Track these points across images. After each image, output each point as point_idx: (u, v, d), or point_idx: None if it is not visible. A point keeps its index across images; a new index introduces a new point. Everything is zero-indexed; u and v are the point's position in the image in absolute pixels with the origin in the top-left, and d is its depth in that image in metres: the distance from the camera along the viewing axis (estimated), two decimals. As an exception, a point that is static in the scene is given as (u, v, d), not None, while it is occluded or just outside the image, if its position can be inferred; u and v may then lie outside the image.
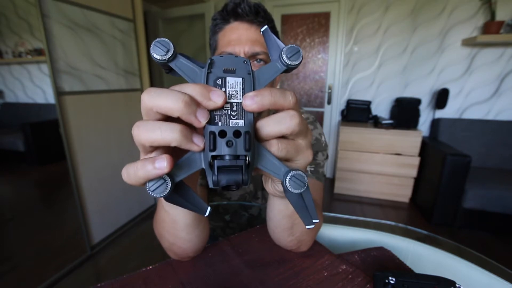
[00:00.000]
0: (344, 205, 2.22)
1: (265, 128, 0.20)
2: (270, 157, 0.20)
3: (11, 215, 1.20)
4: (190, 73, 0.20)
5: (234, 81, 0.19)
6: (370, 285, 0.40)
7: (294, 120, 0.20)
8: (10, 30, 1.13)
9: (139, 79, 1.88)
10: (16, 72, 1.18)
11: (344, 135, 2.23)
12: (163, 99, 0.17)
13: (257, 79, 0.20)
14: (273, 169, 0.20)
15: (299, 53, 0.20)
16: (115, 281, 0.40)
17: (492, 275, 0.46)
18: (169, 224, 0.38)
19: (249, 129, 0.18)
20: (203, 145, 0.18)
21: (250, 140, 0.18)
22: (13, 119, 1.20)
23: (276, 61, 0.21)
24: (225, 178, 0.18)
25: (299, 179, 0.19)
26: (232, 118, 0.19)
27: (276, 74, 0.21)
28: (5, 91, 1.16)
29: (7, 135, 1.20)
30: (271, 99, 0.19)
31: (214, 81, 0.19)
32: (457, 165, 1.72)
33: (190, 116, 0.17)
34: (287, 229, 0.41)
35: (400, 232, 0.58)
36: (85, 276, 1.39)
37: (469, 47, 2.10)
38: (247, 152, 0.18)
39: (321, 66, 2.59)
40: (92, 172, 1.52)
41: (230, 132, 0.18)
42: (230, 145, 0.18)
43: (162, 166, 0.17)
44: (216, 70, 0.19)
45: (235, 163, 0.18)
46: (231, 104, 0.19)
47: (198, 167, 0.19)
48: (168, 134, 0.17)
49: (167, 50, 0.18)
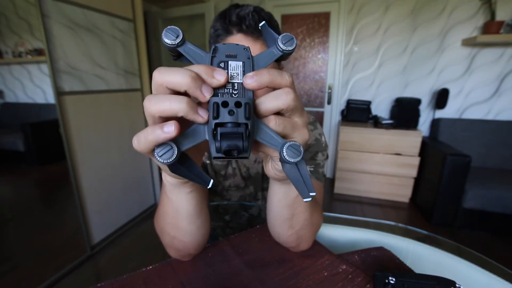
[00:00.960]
0: (344, 205, 2.22)
1: (263, 104, 0.22)
2: (268, 130, 0.22)
3: (11, 215, 1.20)
4: (197, 57, 0.22)
5: (236, 64, 0.21)
6: (370, 285, 0.40)
7: (289, 95, 0.22)
8: (10, 30, 1.13)
9: (139, 79, 1.88)
10: (16, 72, 1.18)
11: (344, 135, 2.23)
12: (172, 75, 0.19)
13: (256, 63, 0.22)
14: (271, 141, 0.22)
15: (292, 40, 0.22)
16: (115, 281, 0.40)
17: (492, 275, 0.46)
18: (171, 215, 0.38)
19: (249, 101, 0.20)
20: (207, 117, 0.20)
21: (250, 110, 0.20)
22: (13, 119, 1.20)
23: (273, 47, 0.23)
24: (226, 143, 0.19)
25: (295, 148, 0.21)
26: (233, 96, 0.21)
27: (273, 58, 0.23)
28: (5, 91, 1.16)
29: (7, 135, 1.20)
30: (269, 77, 0.21)
31: (217, 64, 0.21)
32: (457, 165, 1.72)
33: (196, 90, 0.19)
34: (287, 220, 0.41)
35: (400, 232, 0.58)
36: (85, 276, 1.39)
37: (469, 47, 2.10)
38: (247, 121, 0.19)
39: (321, 66, 2.59)
40: (92, 172, 1.52)
41: (232, 103, 0.20)
42: (232, 114, 0.19)
43: (170, 130, 0.19)
44: (219, 55, 0.22)
45: (236, 130, 0.19)
46: (232, 84, 0.21)
47: (202, 138, 0.21)
48: (176, 104, 0.19)
49: (176, 36, 0.21)
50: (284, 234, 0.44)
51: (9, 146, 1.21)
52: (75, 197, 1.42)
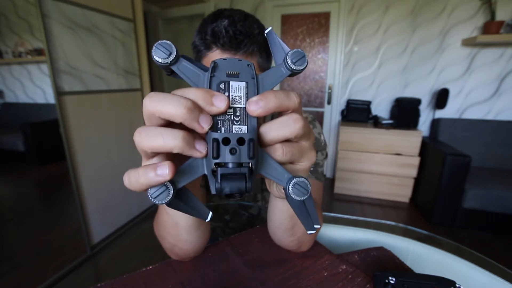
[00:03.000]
0: (344, 205, 2.22)
1: (269, 134, 0.19)
2: (273, 163, 0.20)
3: (11, 215, 1.20)
4: (193, 76, 0.19)
5: (238, 86, 0.19)
6: (370, 285, 0.40)
7: (298, 123, 0.20)
8: (10, 30, 1.13)
9: (139, 79, 1.88)
10: (16, 72, 1.18)
11: (344, 135, 2.23)
12: (165, 104, 0.17)
13: (261, 84, 0.20)
14: (276, 175, 0.20)
15: (304, 58, 0.19)
16: (115, 281, 0.40)
17: (492, 275, 0.46)
18: (170, 226, 0.38)
19: (253, 136, 0.18)
20: (205, 151, 0.18)
21: (254, 148, 0.18)
22: (13, 119, 1.20)
23: (280, 66, 0.20)
24: (228, 186, 0.18)
25: (302, 187, 0.19)
26: (235, 123, 0.19)
27: (281, 79, 0.20)
28: (5, 91, 1.16)
29: (7, 135, 1.20)
30: (276, 102, 0.19)
31: (217, 85, 0.19)
32: (457, 165, 1.72)
33: (193, 122, 0.17)
34: (288, 229, 0.41)
35: (400, 232, 0.58)
36: (85, 276, 1.39)
37: (469, 47, 2.10)
38: (251, 160, 0.18)
39: (321, 66, 2.59)
40: (92, 172, 1.52)
41: (233, 140, 0.18)
42: (233, 152, 0.17)
43: (164, 173, 0.17)
44: (219, 73, 0.19)
45: (238, 171, 0.18)
46: (234, 109, 0.19)
47: (200, 173, 0.19)
48: (171, 141, 0.17)
49: (169, 53, 0.18)
50: (285, 240, 0.45)
51: (9, 146, 1.21)
52: (75, 197, 1.42)
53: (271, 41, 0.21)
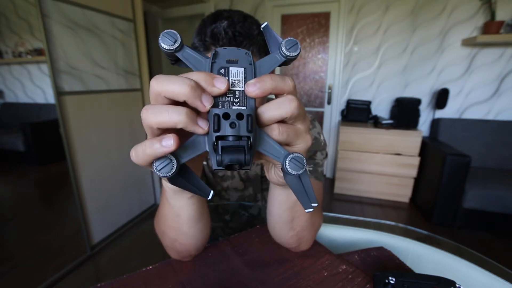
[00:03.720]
0: (344, 205, 2.22)
1: (266, 113, 0.21)
2: (270, 141, 0.21)
3: (11, 215, 1.20)
4: (196, 62, 0.21)
5: (237, 71, 0.20)
6: (370, 285, 0.40)
7: (293, 103, 0.21)
8: (10, 30, 1.13)
9: (139, 79, 1.88)
10: (16, 72, 1.18)
11: (344, 135, 2.23)
12: (170, 84, 0.18)
13: (258, 69, 0.21)
14: (273, 152, 0.21)
15: (297, 45, 0.21)
16: (115, 281, 0.40)
17: (492, 275, 0.46)
18: (172, 219, 0.38)
19: (251, 112, 0.19)
20: (207, 128, 0.19)
21: (252, 122, 0.19)
22: (13, 119, 1.20)
23: (275, 53, 0.22)
24: (228, 157, 0.19)
25: (298, 161, 0.20)
26: (234, 104, 0.20)
27: (276, 64, 0.22)
28: (5, 91, 1.16)
29: (7, 135, 1.20)
30: (272, 83, 0.20)
31: (218, 70, 0.20)
32: (457, 165, 1.72)
33: (196, 100, 0.18)
34: (287, 222, 0.41)
35: (400, 232, 0.58)
36: (85, 276, 1.39)
37: (469, 47, 2.10)
38: (249, 133, 0.19)
39: (321, 66, 2.59)
40: (92, 172, 1.52)
41: (233, 115, 0.19)
42: (233, 126, 0.19)
43: (169, 144, 0.18)
44: (219, 60, 0.20)
45: (238, 144, 0.19)
46: (233, 91, 0.20)
47: (202, 149, 0.20)
48: (175, 116, 0.18)
49: (174, 41, 0.19)
50: (284, 235, 0.44)
51: (9, 146, 1.21)
52: (75, 197, 1.42)
53: (268, 35, 0.23)
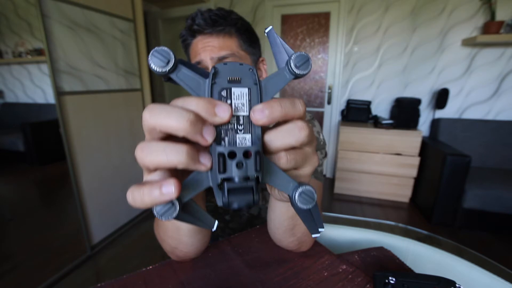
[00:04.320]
0: (344, 205, 2.22)
1: (274, 143, 0.19)
2: (278, 171, 0.19)
3: (11, 215, 1.20)
4: (193, 84, 0.18)
5: (240, 92, 0.18)
6: (370, 285, 0.40)
7: (304, 131, 0.19)
8: (10, 30, 1.13)
9: (139, 79, 1.88)
10: (16, 72, 1.18)
11: (344, 135, 2.23)
12: (166, 118, 0.16)
13: (264, 89, 0.19)
14: (281, 183, 0.19)
15: (308, 62, 0.19)
16: (115, 281, 0.40)
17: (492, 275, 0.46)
18: (172, 230, 0.39)
19: (259, 148, 0.18)
20: (210, 164, 0.18)
21: (261, 160, 0.17)
22: (13, 119, 1.20)
23: (283, 70, 0.19)
24: (236, 201, 0.17)
25: (308, 195, 0.19)
26: (239, 132, 0.18)
27: (284, 83, 0.19)
28: (5, 91, 1.16)
29: (7, 135, 1.20)
30: (281, 111, 0.18)
31: (218, 93, 0.18)
32: (457, 165, 1.72)
33: (196, 135, 0.17)
34: (288, 230, 0.41)
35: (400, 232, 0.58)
36: (85, 276, 1.39)
37: (469, 47, 2.10)
38: (258, 173, 0.17)
39: (321, 66, 2.59)
40: (92, 172, 1.52)
41: (240, 153, 0.17)
42: (240, 166, 0.17)
43: (170, 191, 0.16)
44: (220, 80, 0.18)
45: (245, 185, 0.17)
46: (237, 117, 0.18)
47: (205, 185, 0.19)
48: (174, 157, 0.16)
49: (167, 61, 0.17)
50: (285, 240, 0.45)
51: (9, 146, 1.21)
52: (75, 197, 1.42)
53: (272, 41, 0.20)
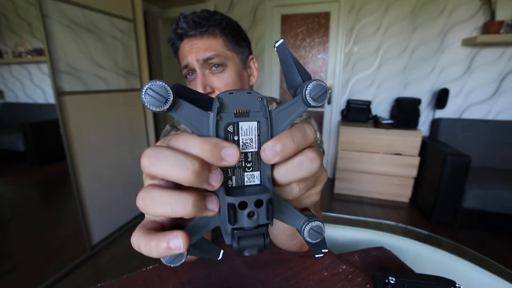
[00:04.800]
0: (344, 205, 2.22)
1: (285, 178, 0.18)
2: (287, 207, 0.18)
3: (11, 215, 1.20)
4: (195, 121, 0.16)
5: (248, 127, 0.17)
6: (370, 285, 0.40)
7: (316, 163, 0.18)
8: (10, 30, 1.13)
9: (139, 79, 1.88)
10: (16, 72, 1.18)
11: (344, 135, 2.23)
12: (167, 168, 0.15)
13: (274, 122, 0.17)
14: (290, 219, 0.19)
15: (326, 94, 0.17)
16: (115, 281, 0.40)
17: (492, 275, 0.46)
18: None
19: (271, 195, 0.16)
20: (218, 208, 0.16)
21: (273, 207, 0.17)
22: (13, 119, 1.20)
23: (297, 100, 0.17)
24: (247, 247, 0.17)
25: (318, 231, 0.18)
26: (247, 170, 0.17)
27: (297, 114, 0.18)
28: (5, 91, 1.16)
29: (7, 135, 1.20)
30: (294, 147, 0.17)
31: (224, 129, 0.16)
32: (457, 165, 1.72)
33: (202, 183, 0.15)
34: (291, 234, 0.40)
35: (400, 232, 0.58)
36: (85, 276, 1.39)
37: (469, 47, 2.10)
38: (270, 221, 0.16)
39: (321, 66, 2.59)
40: (92, 172, 1.52)
41: (251, 203, 0.16)
42: (251, 215, 0.16)
43: (178, 245, 0.15)
44: (226, 114, 0.16)
45: (256, 232, 0.17)
46: (245, 154, 0.17)
47: (212, 226, 0.18)
48: (180, 210, 0.15)
49: (165, 100, 0.15)
50: (288, 244, 0.44)
51: (9, 146, 1.21)
52: (75, 197, 1.42)
53: (282, 58, 0.18)
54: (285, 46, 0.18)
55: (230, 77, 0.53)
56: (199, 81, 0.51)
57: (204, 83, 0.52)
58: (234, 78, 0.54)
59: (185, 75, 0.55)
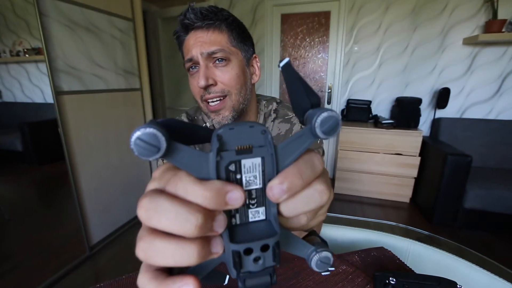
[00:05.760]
0: (344, 205, 2.21)
1: (292, 212, 0.17)
2: (293, 238, 0.18)
3: (11, 215, 1.20)
4: (193, 164, 0.15)
5: (252, 164, 0.15)
6: (370, 285, 0.39)
7: (325, 196, 0.17)
8: (8, 29, 1.13)
9: (138, 79, 1.87)
10: (14, 71, 1.18)
11: (344, 135, 2.22)
12: (168, 223, 0.14)
13: (280, 157, 0.16)
14: (296, 249, 0.18)
15: (338, 127, 0.15)
16: (114, 281, 0.40)
17: (493, 276, 0.45)
18: None
19: (278, 238, 0.15)
20: (222, 249, 0.16)
21: (279, 250, 0.16)
22: (11, 118, 1.20)
23: (305, 132, 0.16)
24: (253, 287, 0.16)
25: (326, 262, 0.18)
26: (251, 207, 0.16)
27: (305, 147, 0.16)
28: (3, 90, 1.15)
29: (5, 135, 1.20)
30: (302, 182, 0.15)
31: (226, 168, 0.15)
32: (457, 165, 1.71)
33: (206, 233, 0.15)
34: None
35: (401, 232, 0.57)
36: (84, 277, 1.39)
37: (470, 46, 2.09)
38: (277, 262, 0.16)
39: (321, 66, 2.59)
40: (91, 172, 1.52)
41: (257, 248, 0.15)
42: (257, 260, 0.15)
43: None
44: (227, 153, 0.15)
45: (263, 274, 0.16)
46: (249, 191, 0.16)
47: (217, 262, 0.17)
48: (185, 261, 0.15)
49: (157, 150, 0.13)
50: None
51: (7, 146, 1.20)
52: (74, 197, 1.41)
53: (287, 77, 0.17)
54: (290, 65, 0.16)
55: (233, 71, 0.54)
56: (202, 72, 0.51)
57: (207, 75, 0.52)
58: (238, 72, 0.54)
59: (188, 68, 0.56)
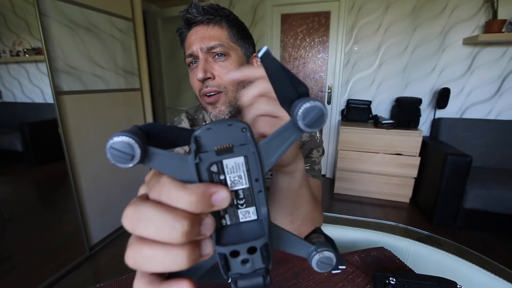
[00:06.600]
0: (344, 205, 2.21)
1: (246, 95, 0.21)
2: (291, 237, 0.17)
3: (10, 215, 1.20)
4: (173, 169, 0.14)
5: (234, 163, 0.15)
6: (370, 285, 0.39)
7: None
8: (8, 29, 1.13)
9: (138, 79, 1.87)
10: (14, 71, 1.18)
11: (344, 135, 2.22)
12: (153, 231, 0.13)
13: (264, 154, 0.15)
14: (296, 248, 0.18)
15: (322, 118, 0.14)
16: (114, 281, 0.40)
17: (494, 276, 0.45)
18: None
19: (267, 240, 0.15)
20: (213, 248, 0.15)
21: (268, 251, 0.15)
22: (11, 118, 1.20)
23: (288, 127, 0.15)
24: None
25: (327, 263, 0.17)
26: (240, 207, 0.16)
27: (290, 144, 0.15)
28: (3, 90, 1.15)
29: (5, 135, 1.20)
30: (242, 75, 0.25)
31: (207, 169, 0.14)
32: (458, 165, 1.71)
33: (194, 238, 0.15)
34: (288, 214, 0.40)
35: (401, 232, 0.57)
36: (84, 277, 1.39)
37: (471, 46, 2.09)
38: (267, 264, 0.15)
39: (321, 66, 2.59)
40: (91, 172, 1.52)
41: (243, 250, 0.15)
42: (245, 262, 0.15)
43: None
44: (206, 154, 0.14)
45: (254, 275, 0.16)
46: (236, 192, 0.15)
47: (210, 264, 0.17)
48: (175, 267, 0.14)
49: (131, 157, 0.13)
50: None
51: (7, 146, 1.20)
52: (74, 197, 1.41)
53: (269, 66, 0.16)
54: (270, 54, 0.15)
55: (232, 66, 0.54)
56: (200, 66, 0.52)
57: (205, 69, 0.53)
58: (236, 67, 0.55)
59: (189, 63, 0.57)
